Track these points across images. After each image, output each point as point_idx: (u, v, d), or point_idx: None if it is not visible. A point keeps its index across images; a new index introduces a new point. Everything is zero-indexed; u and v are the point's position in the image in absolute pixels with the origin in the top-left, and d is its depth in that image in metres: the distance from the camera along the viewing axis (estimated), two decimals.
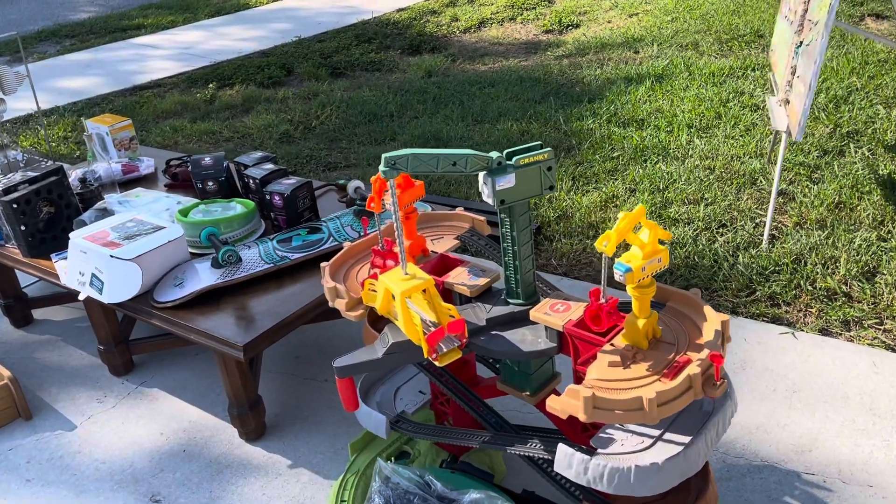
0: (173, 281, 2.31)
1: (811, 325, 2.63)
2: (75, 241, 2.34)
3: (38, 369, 2.85)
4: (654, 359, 1.53)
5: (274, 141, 4.96)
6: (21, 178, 2.66)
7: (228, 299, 2.27)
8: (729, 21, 6.23)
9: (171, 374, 2.76)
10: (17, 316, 3.11)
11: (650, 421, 1.40)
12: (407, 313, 1.67)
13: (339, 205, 2.78)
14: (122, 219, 2.48)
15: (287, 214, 2.54)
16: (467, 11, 7.93)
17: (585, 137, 4.27)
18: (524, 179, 1.67)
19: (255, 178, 2.64)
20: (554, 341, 1.70)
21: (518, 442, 1.73)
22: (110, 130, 3.19)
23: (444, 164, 1.61)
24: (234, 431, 2.44)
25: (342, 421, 2.45)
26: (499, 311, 1.79)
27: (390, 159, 1.57)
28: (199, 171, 2.72)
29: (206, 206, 2.63)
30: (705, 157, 3.83)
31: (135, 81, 6.50)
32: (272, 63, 6.68)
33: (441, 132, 4.63)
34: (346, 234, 2.46)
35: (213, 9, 8.80)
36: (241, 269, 2.31)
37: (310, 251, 2.39)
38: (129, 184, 3.15)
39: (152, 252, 2.29)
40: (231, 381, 2.27)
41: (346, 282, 1.94)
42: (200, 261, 2.39)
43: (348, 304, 1.84)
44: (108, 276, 2.26)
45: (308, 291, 2.25)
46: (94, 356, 2.90)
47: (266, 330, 2.10)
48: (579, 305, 1.70)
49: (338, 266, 1.99)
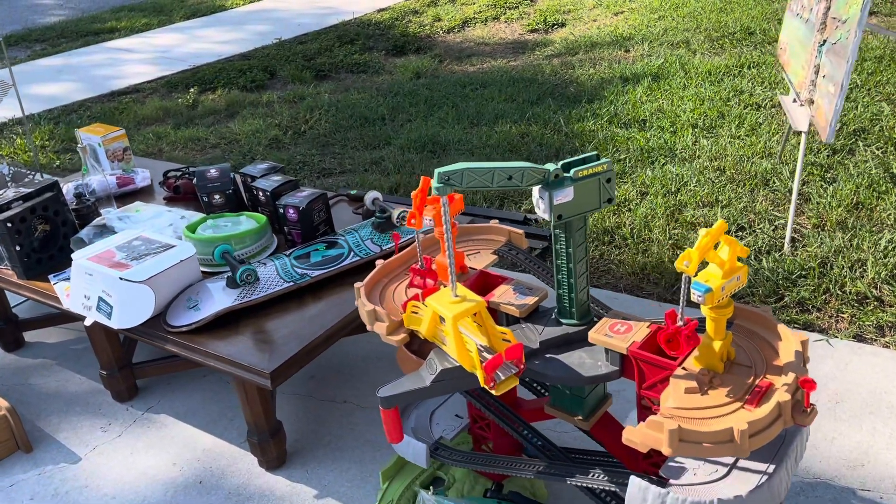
0: (186, 303, 2.17)
1: (844, 331, 2.55)
2: (79, 262, 2.19)
3: (35, 397, 2.69)
4: (733, 383, 1.43)
5: (263, 147, 4.81)
6: (14, 194, 2.50)
7: (247, 321, 2.13)
8: (718, 19, 6.19)
9: (179, 399, 2.61)
10: (7, 339, 2.94)
11: (741, 454, 1.30)
12: (459, 339, 1.55)
13: (353, 216, 2.66)
14: (127, 237, 2.34)
15: (302, 229, 2.41)
16: (449, 11, 7.82)
17: (588, 139, 4.18)
18: (582, 192, 1.56)
19: (266, 191, 2.51)
20: (616, 364, 1.59)
21: (578, 472, 1.62)
22: (102, 141, 3.03)
23: (500, 178, 1.50)
24: (252, 460, 2.31)
25: (367, 445, 2.32)
26: (552, 333, 1.68)
27: (444, 175, 1.45)
28: (204, 184, 2.58)
29: (213, 221, 2.49)
30: (714, 157, 3.76)
31: (112, 87, 6.29)
32: (254, 66, 6.51)
33: (438, 136, 4.51)
34: (367, 248, 2.33)
35: (188, 11, 8.59)
36: (259, 288, 2.18)
37: (331, 267, 2.26)
38: (124, 197, 2.99)
39: (164, 273, 2.15)
40: (252, 409, 2.14)
41: (382, 303, 1.82)
42: (213, 280, 2.25)
43: (389, 327, 1.72)
44: (117, 300, 2.11)
45: (333, 311, 2.13)
46: (93, 380, 2.74)
47: (293, 355, 1.96)
48: (641, 325, 1.59)
49: (372, 286, 1.87)
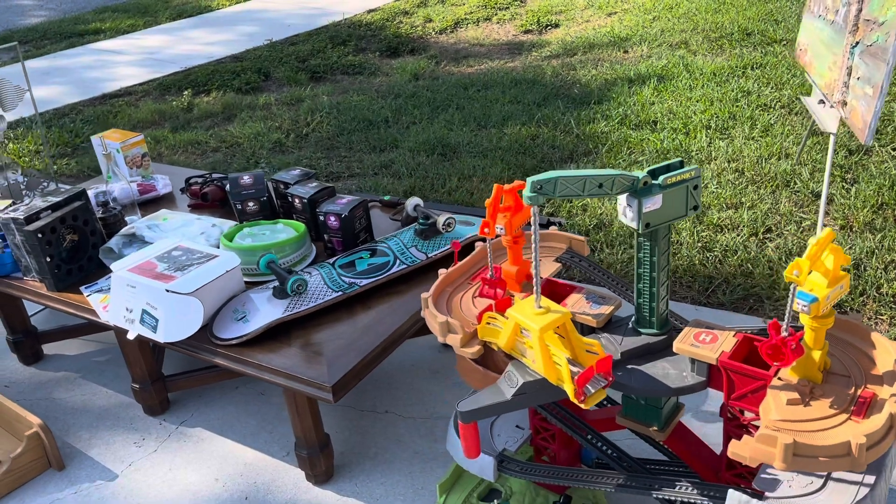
0: (233, 314, 2.11)
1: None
2: (120, 274, 2.12)
3: (62, 411, 2.61)
4: (834, 394, 1.41)
5: (266, 150, 4.73)
6: (42, 203, 2.41)
7: (297, 333, 2.08)
8: (714, 20, 6.21)
9: (213, 412, 2.54)
10: (27, 352, 2.85)
11: (858, 468, 1.28)
12: (546, 351, 1.51)
13: (390, 223, 2.61)
14: (164, 247, 2.27)
15: (344, 236, 2.36)
16: (440, 12, 7.78)
17: (601, 141, 4.16)
18: (670, 200, 1.53)
19: (303, 198, 2.45)
20: (703, 375, 1.56)
21: (664, 485, 1.59)
22: (121, 147, 2.95)
23: (591, 186, 1.46)
24: (298, 473, 2.25)
25: (415, 457, 2.28)
26: (632, 343, 1.65)
27: (537, 183, 1.41)
28: (238, 192, 2.51)
29: (250, 229, 2.43)
30: (731, 159, 3.76)
31: (103, 89, 6.17)
32: (247, 68, 6.42)
33: (446, 138, 4.47)
34: (412, 255, 2.28)
35: (174, 11, 8.45)
36: (308, 298, 2.12)
37: (378, 276, 2.21)
38: (145, 205, 2.91)
39: (210, 284, 2.09)
40: (302, 422, 2.08)
41: (450, 313, 1.78)
42: (258, 291, 2.19)
43: (463, 339, 1.67)
44: (163, 313, 2.04)
45: (386, 321, 2.08)
46: (121, 394, 2.66)
47: (353, 367, 1.91)
48: (726, 335, 1.57)
49: (437, 296, 1.82)
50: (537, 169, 3.95)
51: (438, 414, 2.43)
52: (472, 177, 3.93)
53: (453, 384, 2.56)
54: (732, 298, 2.79)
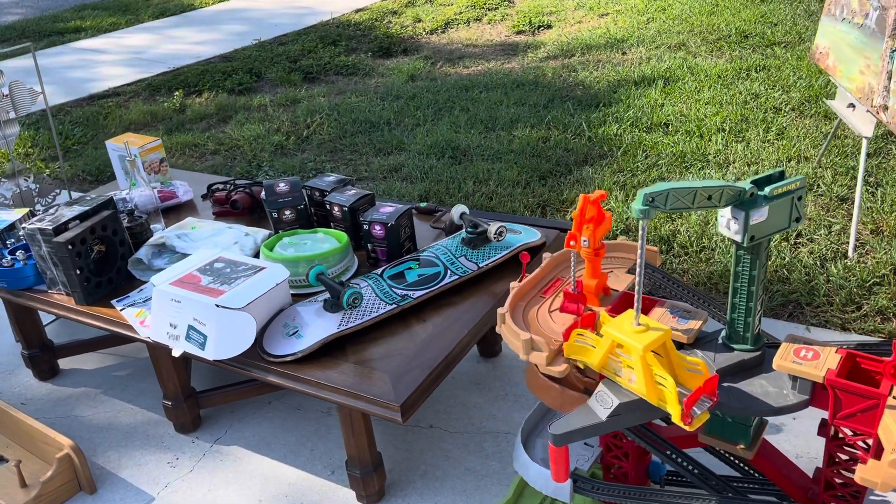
0: (284, 329, 2.01)
1: None
2: (163, 288, 2.02)
3: (86, 430, 2.49)
4: None
5: (268, 153, 4.62)
6: (69, 212, 2.30)
7: (353, 348, 1.99)
8: (709, 21, 6.21)
9: (248, 429, 2.44)
10: (42, 367, 2.72)
11: None
12: (648, 372, 1.45)
13: (430, 231, 2.52)
14: (205, 258, 2.16)
15: (388, 246, 2.27)
16: (429, 12, 7.70)
17: (614, 144, 4.11)
18: (775, 212, 1.47)
19: (344, 206, 2.36)
20: (806, 393, 1.51)
21: None
22: (140, 152, 2.83)
23: (700, 198, 1.40)
24: (347, 493, 2.16)
25: (467, 474, 2.20)
26: (726, 360, 1.59)
27: (649, 196, 1.34)
28: (274, 199, 2.41)
29: (290, 238, 2.33)
30: (750, 162, 3.73)
31: (89, 90, 6.00)
32: (237, 68, 6.29)
33: (455, 141, 4.39)
34: (463, 266, 2.21)
35: (156, 10, 8.26)
36: (360, 312, 2.03)
37: (431, 287, 2.13)
38: (166, 212, 2.80)
39: (261, 298, 1.99)
40: (356, 441, 2.00)
41: (528, 329, 1.70)
42: (305, 304, 2.09)
43: (549, 357, 1.60)
44: (213, 329, 1.94)
45: (446, 334, 1.99)
46: (147, 410, 2.55)
47: (420, 384, 1.83)
48: (828, 351, 1.51)
49: (512, 311, 1.75)
50: (553, 172, 3.89)
51: (486, 428, 2.36)
52: (487, 180, 3.86)
53: (496, 396, 2.49)
54: (772, 305, 2.75)
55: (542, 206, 3.58)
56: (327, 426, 2.42)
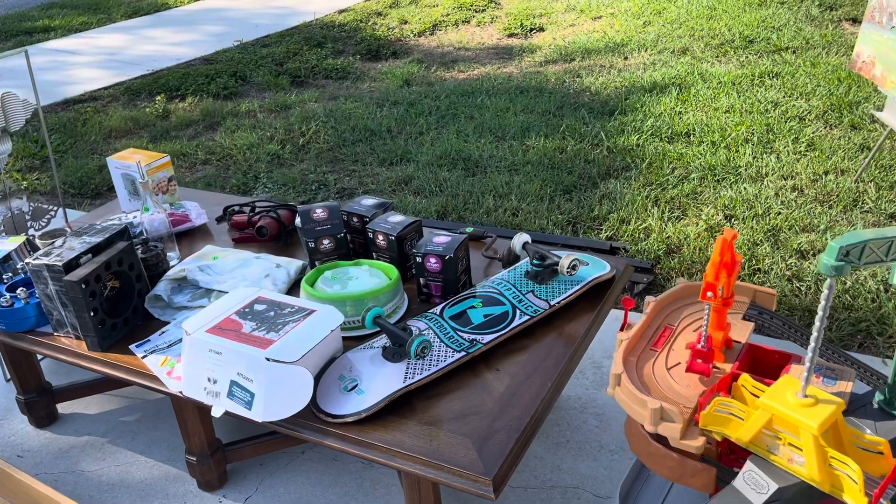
0: (340, 383, 1.75)
1: None
2: (198, 336, 1.74)
3: (94, 488, 2.20)
4: None
5: (264, 164, 4.33)
6: (79, 244, 2.01)
7: (419, 404, 1.73)
8: (709, 26, 6.05)
9: (281, 484, 2.17)
10: (40, 413, 2.42)
11: None
12: (823, 455, 1.22)
13: (482, 260, 2.28)
14: (241, 298, 1.89)
15: (445, 281, 2.02)
16: (414, 13, 7.45)
17: (637, 155, 3.91)
18: None
19: (390, 235, 2.10)
20: None
21: None
22: (147, 171, 2.54)
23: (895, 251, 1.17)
24: None
25: None
26: (890, 431, 1.37)
27: (844, 249, 1.12)
28: (312, 227, 2.15)
29: (331, 272, 2.07)
30: (786, 176, 3.55)
31: (64, 94, 5.63)
32: (221, 71, 5.97)
33: (465, 151, 4.15)
34: (532, 304, 1.97)
35: (128, 9, 7.87)
36: (426, 360, 1.78)
37: (501, 330, 1.88)
38: (178, 238, 2.51)
39: (315, 348, 1.73)
40: None
41: (648, 392, 1.47)
42: (358, 351, 1.84)
43: (683, 429, 1.37)
44: (261, 386, 1.68)
45: (526, 388, 1.75)
46: (163, 463, 2.27)
47: (510, 451, 1.58)
48: None
49: (626, 370, 1.51)
50: (577, 186, 3.67)
51: (551, 482, 2.12)
52: (508, 195, 3.63)
53: (555, 444, 2.25)
54: (840, 335, 2.56)
55: (572, 223, 3.35)
56: (371, 481, 2.17)
